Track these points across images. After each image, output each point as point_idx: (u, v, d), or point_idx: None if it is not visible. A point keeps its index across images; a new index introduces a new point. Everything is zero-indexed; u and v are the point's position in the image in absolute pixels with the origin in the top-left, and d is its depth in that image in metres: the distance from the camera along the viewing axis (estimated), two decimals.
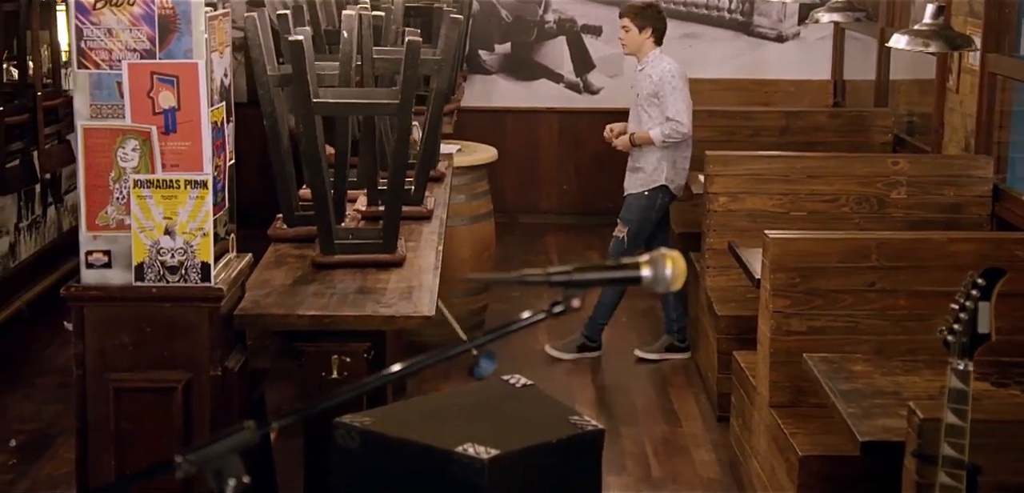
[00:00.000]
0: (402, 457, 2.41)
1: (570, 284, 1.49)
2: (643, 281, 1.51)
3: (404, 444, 2.43)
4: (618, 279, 1.53)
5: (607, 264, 1.54)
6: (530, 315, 1.60)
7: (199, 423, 3.30)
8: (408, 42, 3.72)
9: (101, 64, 3.18)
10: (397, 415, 2.63)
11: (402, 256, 3.91)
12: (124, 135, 3.21)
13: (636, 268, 1.50)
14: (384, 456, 2.43)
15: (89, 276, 3.26)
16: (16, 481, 4.65)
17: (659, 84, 5.93)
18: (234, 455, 1.47)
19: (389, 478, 2.43)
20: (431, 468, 2.32)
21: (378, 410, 2.71)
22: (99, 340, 3.26)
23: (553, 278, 1.50)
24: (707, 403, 5.56)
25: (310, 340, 3.47)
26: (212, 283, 3.26)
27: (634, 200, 6.10)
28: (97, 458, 3.30)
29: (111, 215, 3.25)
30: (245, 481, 1.47)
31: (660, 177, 6.04)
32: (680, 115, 5.92)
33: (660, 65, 5.99)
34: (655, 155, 6.02)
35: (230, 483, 1.46)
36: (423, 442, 2.39)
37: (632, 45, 6.08)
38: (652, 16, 6.04)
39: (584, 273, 1.50)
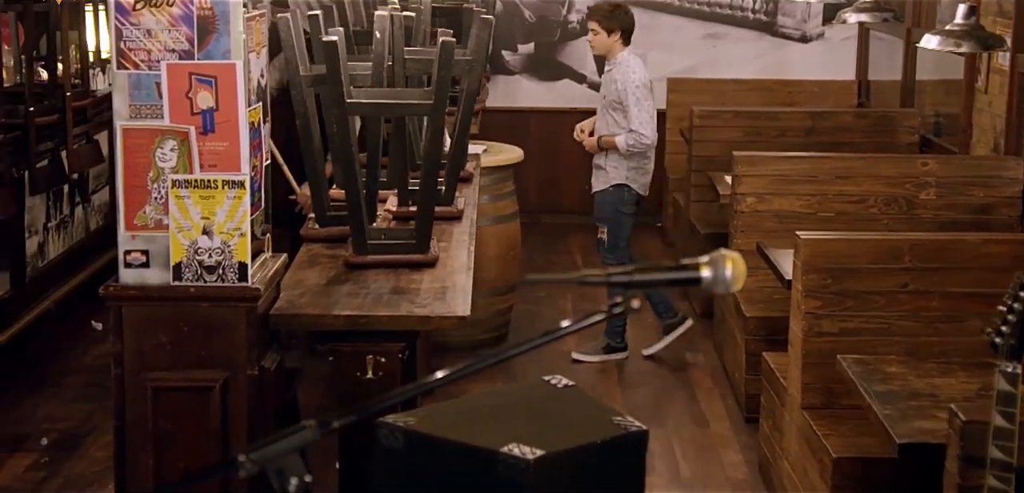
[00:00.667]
0: (446, 457, 2.42)
1: (630, 285, 1.49)
2: (703, 282, 1.51)
3: (448, 444, 2.43)
4: (678, 280, 1.53)
5: (666, 265, 1.54)
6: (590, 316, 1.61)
7: (236, 423, 3.31)
8: (442, 42, 3.72)
9: (140, 65, 3.20)
10: (440, 415, 2.63)
11: (435, 256, 3.92)
12: (162, 135, 3.23)
13: (696, 269, 1.50)
14: (428, 456, 2.44)
15: (127, 276, 3.28)
16: (48, 479, 4.68)
17: (623, 93, 5.93)
18: (295, 454, 1.48)
19: (433, 478, 2.44)
20: (476, 468, 2.33)
21: (421, 410, 2.72)
22: (137, 339, 3.28)
23: (613, 279, 1.51)
24: (734, 404, 5.56)
25: (345, 340, 3.48)
26: (249, 283, 3.28)
27: (601, 198, 6.16)
28: (135, 457, 3.31)
29: (149, 215, 3.26)
30: (307, 480, 1.48)
31: (620, 176, 6.07)
32: (643, 127, 5.95)
33: (626, 72, 5.98)
34: (615, 156, 6.05)
35: (292, 482, 1.47)
36: (468, 442, 2.40)
37: (601, 47, 6.10)
38: (620, 18, 6.05)
39: (644, 274, 1.50)
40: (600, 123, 6.17)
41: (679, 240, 7.65)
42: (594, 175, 6.22)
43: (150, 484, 3.30)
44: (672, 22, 8.79)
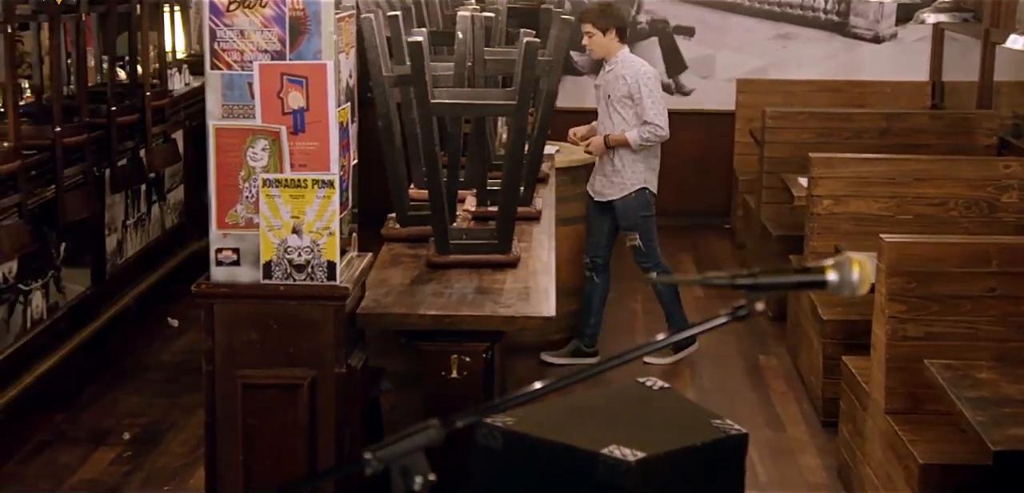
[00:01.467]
0: (545, 457, 2.42)
1: (755, 288, 1.49)
2: (829, 285, 1.50)
3: (548, 445, 2.44)
4: (803, 283, 1.52)
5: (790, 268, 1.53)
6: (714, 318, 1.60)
7: (324, 420, 3.34)
8: (526, 43, 3.73)
9: (233, 65, 3.24)
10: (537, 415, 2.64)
11: (517, 257, 3.92)
12: (254, 135, 3.27)
13: (821, 272, 1.49)
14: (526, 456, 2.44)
15: (218, 274, 3.32)
16: (131, 473, 4.75)
17: (633, 86, 5.83)
18: (420, 453, 1.49)
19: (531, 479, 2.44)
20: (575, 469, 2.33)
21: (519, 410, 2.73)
22: (228, 336, 3.32)
23: (738, 281, 1.50)
24: (810, 407, 5.50)
25: (429, 339, 3.49)
26: (337, 282, 3.30)
27: (624, 205, 5.99)
28: (226, 452, 3.36)
29: (240, 213, 3.30)
30: (431, 478, 1.48)
31: (639, 179, 5.95)
32: (658, 118, 5.85)
33: (634, 67, 5.89)
34: (630, 158, 5.91)
35: (417, 480, 1.48)
36: (567, 443, 2.40)
37: (599, 49, 5.94)
38: (613, 15, 5.96)
39: (769, 277, 1.49)
40: (605, 124, 6.00)
41: (750, 242, 7.59)
42: (604, 182, 5.98)
43: (240, 479, 3.35)
44: (742, 23, 8.73)
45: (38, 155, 5.04)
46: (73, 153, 5.35)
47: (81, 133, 5.34)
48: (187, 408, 5.37)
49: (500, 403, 1.56)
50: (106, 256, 6.08)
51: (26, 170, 4.85)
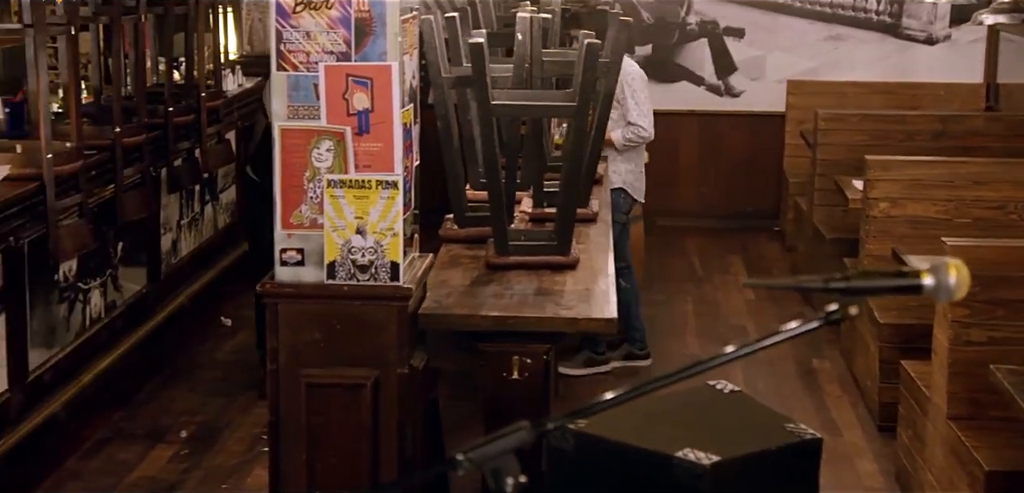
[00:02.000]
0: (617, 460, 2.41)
1: (849, 292, 1.47)
2: (924, 289, 1.48)
3: (620, 447, 2.43)
4: (898, 288, 1.50)
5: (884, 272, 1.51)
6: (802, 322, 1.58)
7: (386, 420, 3.35)
8: (587, 45, 3.72)
9: (299, 66, 3.26)
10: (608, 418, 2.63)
11: (576, 259, 3.92)
12: (319, 136, 3.28)
13: (917, 276, 1.47)
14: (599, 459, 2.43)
15: (283, 274, 3.34)
16: (189, 471, 4.79)
17: (619, 86, 5.76)
18: (511, 455, 1.49)
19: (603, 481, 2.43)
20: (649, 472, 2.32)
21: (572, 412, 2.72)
22: (292, 336, 3.33)
23: (832, 285, 1.48)
24: (866, 412, 5.45)
25: (491, 341, 3.49)
26: (401, 282, 3.31)
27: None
28: (289, 451, 3.37)
29: (305, 214, 3.32)
30: (522, 481, 1.48)
31: (618, 180, 5.87)
32: (643, 119, 5.81)
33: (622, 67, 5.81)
34: (613, 157, 5.83)
35: (508, 482, 1.48)
36: (641, 446, 2.39)
37: None
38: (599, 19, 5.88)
39: (863, 281, 1.48)
40: None
41: (801, 245, 7.54)
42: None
43: (303, 478, 3.36)
44: (793, 24, 8.67)
45: (98, 155, 5.09)
46: (131, 153, 5.40)
47: (140, 133, 5.39)
48: (242, 407, 5.42)
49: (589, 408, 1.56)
50: (161, 255, 6.14)
51: (87, 170, 4.90)
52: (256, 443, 5.08)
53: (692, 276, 7.71)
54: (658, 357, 6.19)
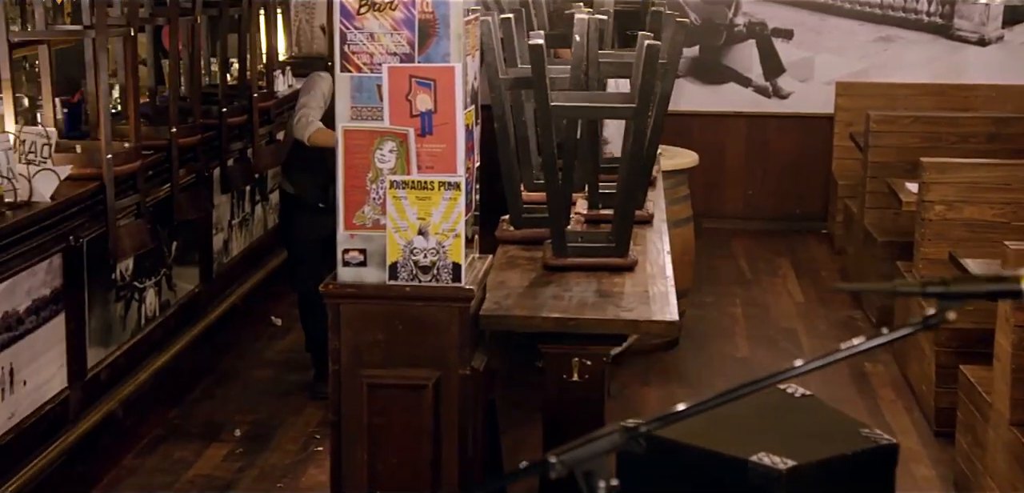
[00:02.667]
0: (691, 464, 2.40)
1: (947, 296, 1.45)
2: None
3: (693, 451, 2.42)
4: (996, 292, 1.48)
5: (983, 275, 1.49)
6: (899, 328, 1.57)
7: (447, 421, 3.35)
8: (647, 46, 3.70)
9: (362, 67, 3.27)
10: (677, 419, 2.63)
11: (634, 260, 3.90)
12: (382, 137, 3.29)
13: (1016, 281, 1.45)
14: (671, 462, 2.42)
15: (345, 274, 3.35)
16: (244, 470, 4.82)
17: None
18: (604, 458, 1.48)
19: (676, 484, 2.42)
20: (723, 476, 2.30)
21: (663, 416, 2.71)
22: (354, 336, 3.35)
23: (928, 289, 1.47)
24: (921, 417, 5.40)
25: (551, 342, 3.49)
26: (462, 284, 3.32)
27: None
28: (350, 451, 3.38)
29: (367, 215, 3.33)
30: (614, 484, 1.48)
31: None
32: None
33: None
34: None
35: (601, 485, 1.47)
36: (714, 450, 2.38)
37: None
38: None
39: (960, 285, 1.46)
40: None
41: (851, 247, 7.48)
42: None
43: (364, 478, 3.37)
44: (842, 25, 8.60)
45: (154, 155, 5.14)
46: (186, 153, 5.45)
47: (195, 134, 5.44)
48: (294, 407, 5.44)
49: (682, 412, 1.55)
50: (213, 255, 6.19)
51: (144, 170, 4.95)
52: (309, 443, 5.10)
53: (740, 278, 7.67)
54: (708, 359, 6.16)
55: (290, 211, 5.43)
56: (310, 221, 5.27)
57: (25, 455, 4.28)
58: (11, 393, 4.19)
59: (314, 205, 5.23)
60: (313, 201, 5.25)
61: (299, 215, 5.36)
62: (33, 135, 4.30)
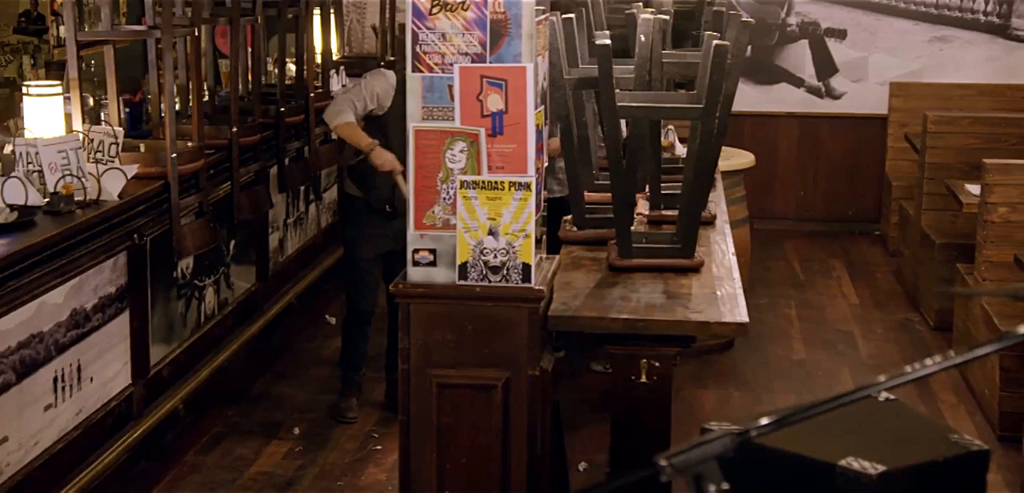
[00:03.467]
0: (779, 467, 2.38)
1: None
2: None
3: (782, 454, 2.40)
4: None
5: None
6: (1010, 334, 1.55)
7: (516, 422, 3.35)
8: (715, 46, 3.68)
9: (434, 67, 3.27)
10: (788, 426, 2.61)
11: (701, 261, 3.88)
12: (453, 137, 3.29)
13: None
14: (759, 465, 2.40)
15: (415, 274, 3.36)
16: (304, 468, 4.84)
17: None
18: (713, 461, 1.47)
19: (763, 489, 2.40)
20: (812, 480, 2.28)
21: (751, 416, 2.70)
22: (423, 336, 3.35)
23: None
24: (984, 420, 5.33)
25: (620, 343, 3.48)
26: (532, 284, 3.31)
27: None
28: (419, 451, 3.39)
29: (438, 215, 3.34)
30: (724, 488, 1.47)
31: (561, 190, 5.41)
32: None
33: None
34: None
35: (710, 489, 1.46)
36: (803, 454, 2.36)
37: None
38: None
39: None
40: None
41: (907, 249, 7.40)
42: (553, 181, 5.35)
43: (433, 478, 3.38)
44: (897, 25, 8.52)
45: (215, 154, 5.17)
46: (245, 152, 5.48)
47: (255, 133, 5.47)
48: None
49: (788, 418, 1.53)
50: (269, 254, 6.22)
51: (205, 169, 4.98)
52: (367, 441, 5.12)
53: (793, 280, 7.62)
54: (764, 361, 6.12)
55: (356, 215, 5.19)
56: (375, 230, 5.10)
57: (91, 451, 4.32)
58: (78, 389, 4.23)
59: (381, 209, 5.08)
60: (379, 205, 5.08)
61: (365, 220, 5.14)
62: (101, 134, 4.34)
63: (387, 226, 5.05)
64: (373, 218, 5.11)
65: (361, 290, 5.23)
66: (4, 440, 3.79)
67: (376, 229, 5.11)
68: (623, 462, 3.53)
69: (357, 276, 5.24)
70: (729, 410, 5.57)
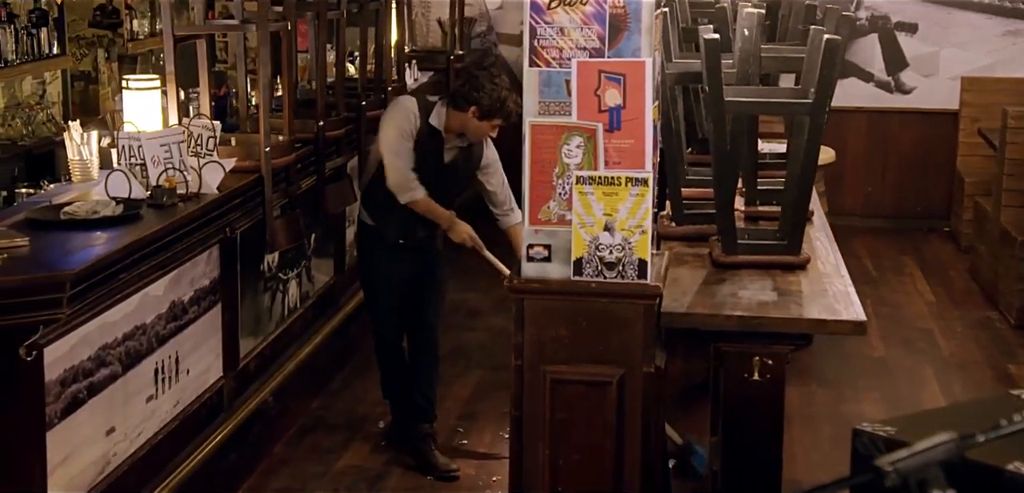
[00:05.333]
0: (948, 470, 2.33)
1: None
2: None
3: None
4: None
5: None
6: None
7: (631, 419, 3.33)
8: (826, 41, 3.64)
9: (551, 62, 3.25)
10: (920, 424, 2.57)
11: (807, 257, 3.84)
12: (570, 132, 3.27)
13: None
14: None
15: (529, 269, 3.34)
16: (391, 464, 4.84)
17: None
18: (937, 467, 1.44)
19: None
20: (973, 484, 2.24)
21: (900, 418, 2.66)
22: (537, 332, 3.33)
23: None
24: None
25: (732, 341, 3.44)
26: (648, 280, 3.28)
27: None
28: (531, 446, 3.37)
29: (553, 210, 3.32)
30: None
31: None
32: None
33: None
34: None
35: None
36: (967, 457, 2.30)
37: None
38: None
39: None
40: None
41: (983, 246, 7.30)
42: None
43: (546, 475, 3.36)
44: (968, 19, 8.41)
45: (302, 148, 5.18)
46: (330, 146, 5.49)
47: (341, 127, 5.48)
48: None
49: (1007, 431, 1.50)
50: (346, 247, 6.23)
51: (294, 163, 4.99)
52: (453, 436, 5.12)
53: (866, 277, 7.53)
54: (844, 358, 6.06)
55: (370, 244, 4.84)
56: (390, 261, 4.77)
57: (187, 442, 4.34)
58: (176, 381, 4.25)
59: (395, 242, 4.74)
60: (393, 238, 4.73)
61: (379, 250, 4.80)
62: (200, 127, 4.36)
63: (403, 253, 4.77)
64: (395, 250, 4.78)
65: (383, 324, 4.91)
66: (111, 430, 3.82)
67: (397, 261, 4.79)
68: (735, 460, 3.50)
69: (376, 310, 4.93)
70: (813, 408, 5.53)
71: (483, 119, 4.53)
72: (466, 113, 4.54)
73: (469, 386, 5.57)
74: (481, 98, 4.49)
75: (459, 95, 4.58)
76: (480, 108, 4.51)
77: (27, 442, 3.34)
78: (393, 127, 4.62)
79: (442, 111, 4.62)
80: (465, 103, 4.54)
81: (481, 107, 4.51)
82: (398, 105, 4.76)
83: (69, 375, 3.56)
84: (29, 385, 3.34)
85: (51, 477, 3.47)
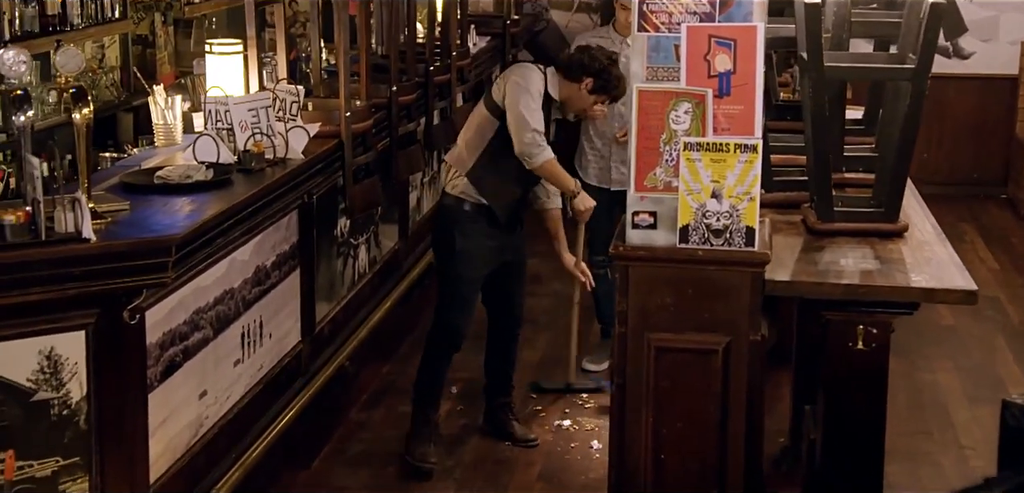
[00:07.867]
0: None
1: None
2: None
3: None
4: None
5: None
6: None
7: (736, 388, 3.31)
8: (931, 6, 3.59)
9: (660, 27, 3.22)
10: None
11: (905, 225, 3.80)
12: (678, 98, 3.24)
13: None
14: None
15: (634, 236, 3.32)
16: (469, 428, 4.85)
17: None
18: None
19: None
20: None
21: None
22: (641, 299, 3.31)
23: None
24: None
25: (836, 309, 3.41)
26: (756, 248, 3.25)
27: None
28: (634, 414, 3.36)
29: (659, 177, 3.29)
30: None
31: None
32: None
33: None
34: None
35: None
36: None
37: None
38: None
39: None
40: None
41: None
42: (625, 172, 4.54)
43: (649, 441, 3.35)
44: None
45: (377, 114, 5.15)
46: (400, 111, 5.45)
47: (412, 93, 5.44)
48: None
49: None
50: (409, 213, 6.21)
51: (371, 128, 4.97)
52: (527, 402, 5.11)
53: None
54: (913, 327, 6.00)
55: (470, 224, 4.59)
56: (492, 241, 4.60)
57: (270, 406, 4.34)
58: (260, 345, 4.25)
59: (506, 220, 4.60)
60: (504, 217, 4.58)
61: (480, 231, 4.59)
62: (284, 92, 4.33)
63: (505, 237, 4.63)
64: (493, 230, 4.60)
65: (463, 309, 4.68)
66: (204, 393, 3.82)
67: (493, 241, 4.61)
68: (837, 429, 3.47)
69: (459, 293, 4.66)
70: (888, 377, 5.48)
71: (594, 93, 4.50)
72: (579, 84, 4.50)
73: (539, 350, 5.55)
74: (600, 71, 4.45)
75: (575, 64, 4.53)
76: (596, 80, 4.47)
77: (132, 405, 3.35)
78: (528, 89, 4.44)
79: (555, 80, 4.56)
80: (581, 72, 4.50)
81: (597, 79, 4.47)
82: (528, 68, 4.61)
83: (167, 339, 3.56)
84: (133, 348, 3.33)
85: (152, 439, 3.47)
